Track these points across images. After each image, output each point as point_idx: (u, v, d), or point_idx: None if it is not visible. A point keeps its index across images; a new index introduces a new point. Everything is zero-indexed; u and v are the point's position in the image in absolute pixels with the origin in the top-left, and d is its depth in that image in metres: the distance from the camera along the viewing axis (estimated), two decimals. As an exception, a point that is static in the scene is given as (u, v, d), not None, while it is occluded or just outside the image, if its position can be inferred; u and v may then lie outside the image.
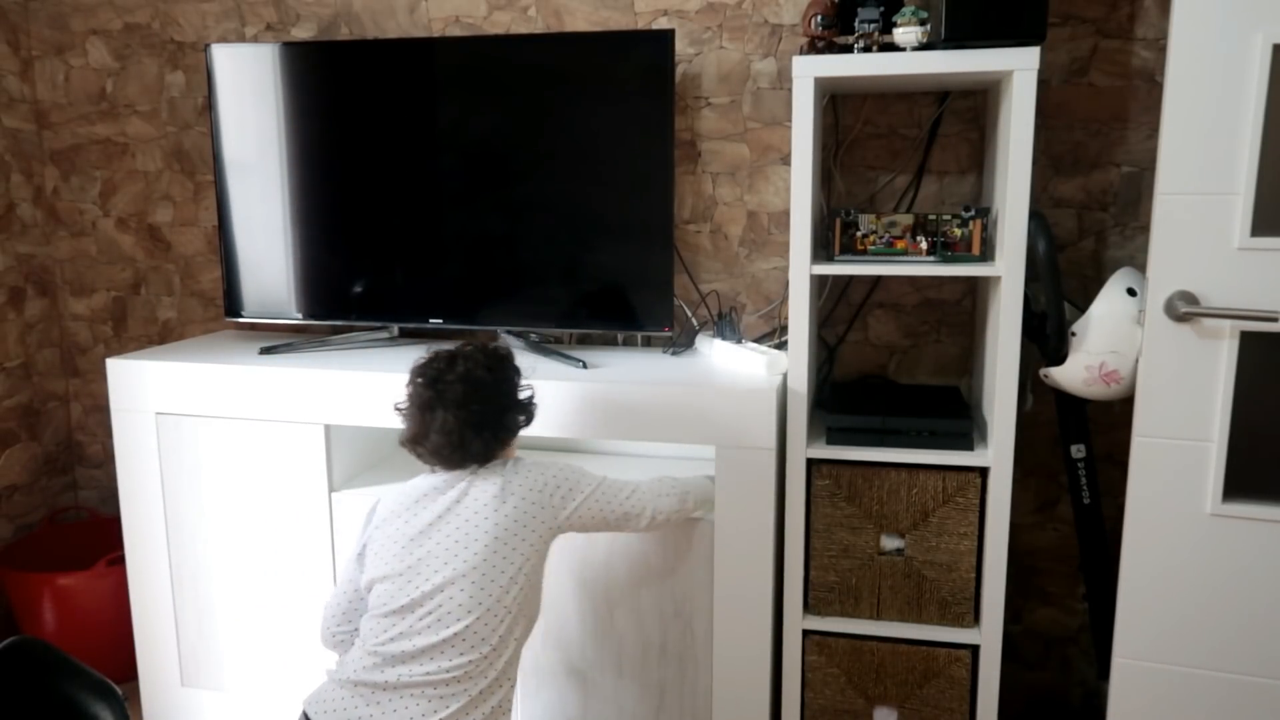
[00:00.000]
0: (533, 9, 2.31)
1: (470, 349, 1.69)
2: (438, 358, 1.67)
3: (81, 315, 2.76)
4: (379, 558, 1.62)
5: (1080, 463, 1.99)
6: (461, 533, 1.59)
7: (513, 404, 1.70)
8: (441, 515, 1.61)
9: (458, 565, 1.56)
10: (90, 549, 2.70)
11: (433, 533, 1.60)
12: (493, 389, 1.66)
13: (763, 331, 2.32)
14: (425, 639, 1.54)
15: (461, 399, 1.61)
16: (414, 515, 1.63)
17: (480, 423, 1.63)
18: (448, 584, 1.55)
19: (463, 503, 1.62)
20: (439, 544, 1.59)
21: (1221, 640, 1.75)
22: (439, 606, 1.55)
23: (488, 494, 1.62)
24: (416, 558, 1.58)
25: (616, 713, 2.04)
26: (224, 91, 2.29)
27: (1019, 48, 1.71)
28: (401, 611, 1.56)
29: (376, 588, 1.61)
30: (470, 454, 1.63)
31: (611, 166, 2.12)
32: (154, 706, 2.30)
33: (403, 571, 1.58)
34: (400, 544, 1.61)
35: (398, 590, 1.57)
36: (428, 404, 1.63)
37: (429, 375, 1.65)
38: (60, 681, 1.47)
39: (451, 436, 1.61)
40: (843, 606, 1.98)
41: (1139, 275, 1.86)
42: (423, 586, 1.56)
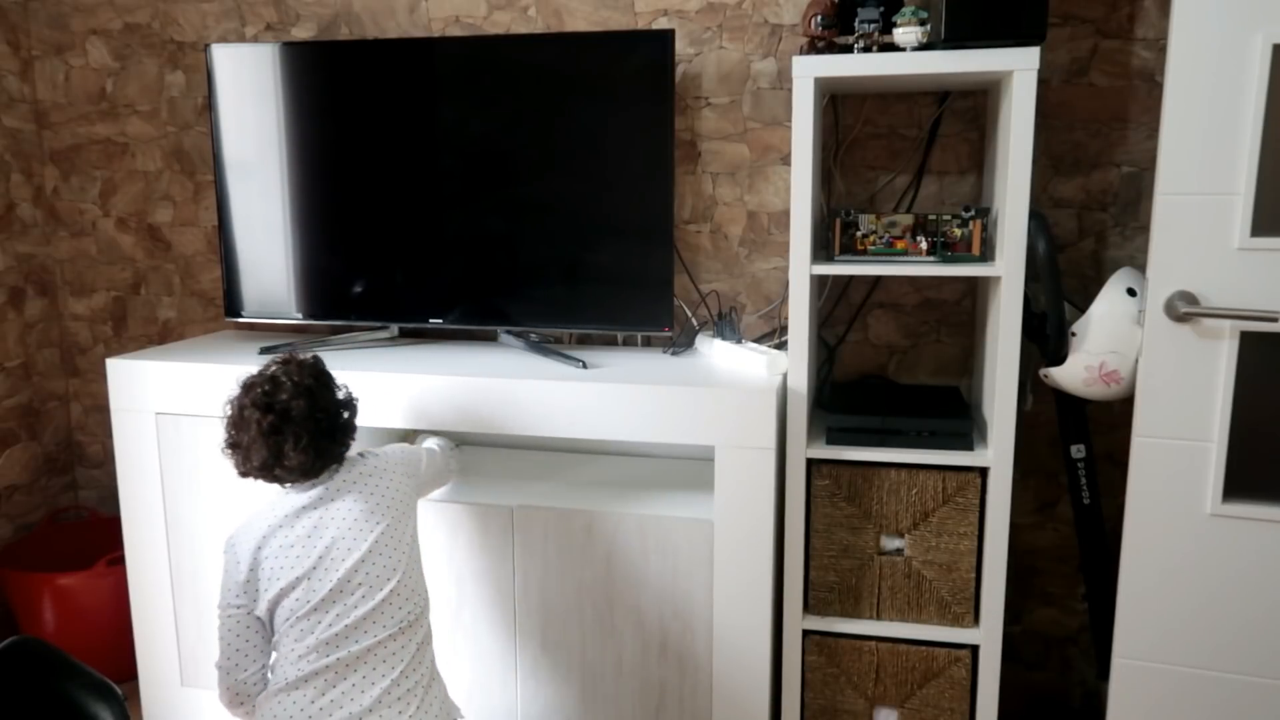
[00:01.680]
0: (533, 9, 2.31)
1: (279, 366, 1.69)
2: (257, 383, 1.66)
3: (81, 315, 2.75)
4: (276, 570, 1.61)
5: (1080, 463, 1.99)
6: (355, 513, 1.65)
7: (343, 404, 1.73)
8: (325, 509, 1.65)
9: (366, 541, 1.63)
10: (90, 549, 2.70)
11: (322, 527, 1.63)
12: (325, 395, 1.69)
13: (763, 331, 2.32)
14: (362, 610, 1.59)
15: (307, 412, 1.63)
16: (296, 520, 1.64)
17: (329, 430, 1.67)
18: (365, 558, 1.62)
19: (340, 492, 1.67)
20: (339, 529, 1.63)
21: (1221, 640, 1.75)
22: (366, 575, 1.61)
23: (357, 476, 1.69)
24: (323, 547, 1.61)
25: (616, 713, 2.04)
26: (224, 91, 2.29)
27: (1019, 48, 1.71)
28: (328, 599, 1.59)
29: (285, 601, 1.61)
30: (329, 460, 1.68)
31: (611, 166, 2.12)
32: (154, 706, 2.30)
33: (314, 566, 1.60)
34: (298, 548, 1.62)
35: (316, 584, 1.60)
36: (273, 428, 1.62)
37: (262, 402, 1.63)
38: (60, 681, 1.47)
39: (309, 452, 1.63)
40: (843, 606, 1.98)
41: (1139, 275, 1.86)
42: (339, 570, 1.60)
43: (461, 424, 2.00)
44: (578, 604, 2.02)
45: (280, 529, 1.64)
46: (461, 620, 2.08)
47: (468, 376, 1.99)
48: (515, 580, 2.04)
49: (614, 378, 1.97)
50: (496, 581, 2.04)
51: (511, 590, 2.04)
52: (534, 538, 2.01)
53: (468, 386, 1.99)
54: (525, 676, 2.07)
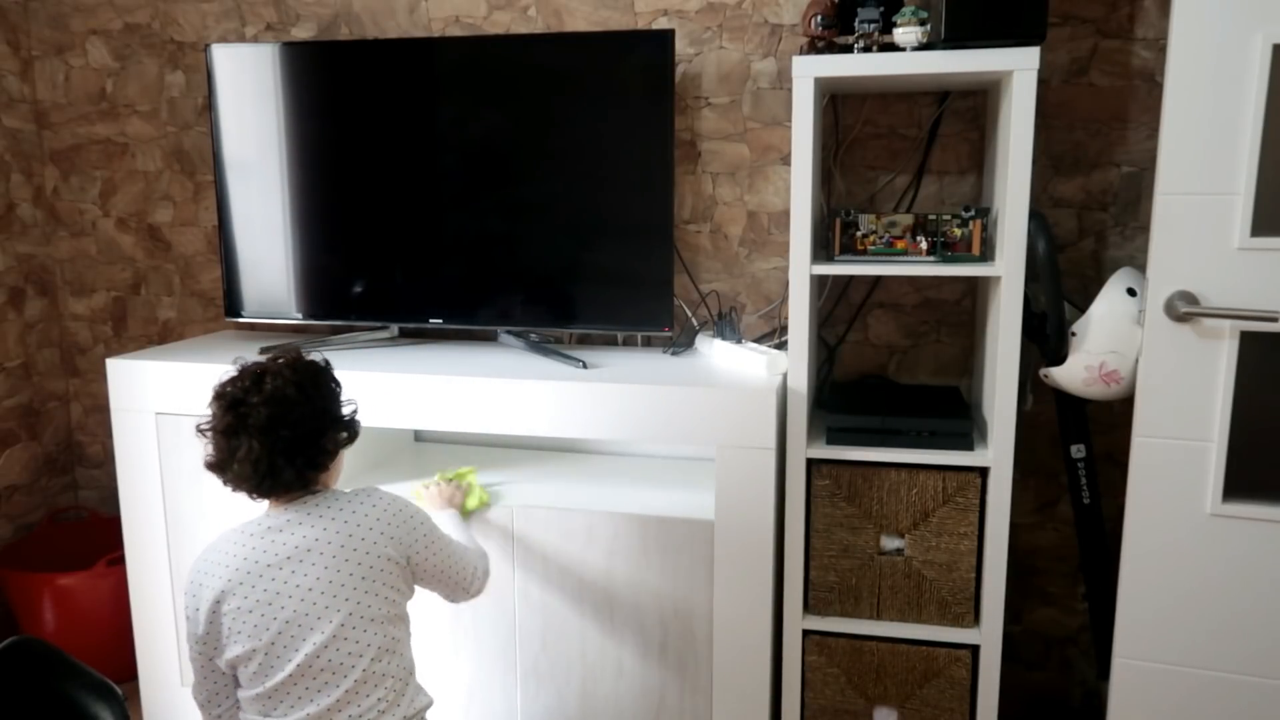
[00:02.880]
0: (533, 9, 2.31)
1: (280, 364, 1.49)
2: (243, 375, 1.48)
3: (81, 315, 2.75)
4: (234, 635, 1.44)
5: (1080, 463, 1.99)
6: (327, 578, 1.45)
7: (329, 423, 1.51)
8: (295, 568, 1.45)
9: (334, 615, 1.43)
10: (90, 549, 2.70)
11: (288, 593, 1.44)
12: (304, 409, 1.46)
13: (763, 331, 2.32)
14: (329, 695, 1.43)
15: (266, 424, 1.43)
16: (258, 580, 1.45)
17: (290, 449, 1.45)
18: (332, 638, 1.43)
19: (316, 547, 1.46)
20: (299, 604, 1.43)
21: (1221, 640, 1.75)
22: (329, 661, 1.43)
23: (334, 532, 1.47)
24: (284, 620, 1.43)
25: (616, 713, 2.04)
26: (224, 91, 2.29)
27: (1019, 48, 1.71)
28: (289, 682, 1.43)
29: (245, 667, 1.45)
30: (280, 482, 1.46)
31: (611, 166, 2.12)
32: (154, 706, 2.30)
33: (274, 640, 1.43)
34: (255, 614, 1.44)
35: (275, 661, 1.43)
36: (230, 429, 1.44)
37: (230, 397, 1.45)
38: (60, 681, 1.47)
39: (259, 465, 1.43)
40: (843, 606, 1.98)
41: (1139, 275, 1.86)
42: (304, 649, 1.43)
43: (462, 424, 2.00)
44: (578, 604, 2.02)
45: (240, 587, 1.44)
46: (461, 620, 2.08)
47: (468, 376, 1.99)
48: (515, 580, 2.04)
49: (614, 378, 1.97)
50: (496, 581, 2.04)
51: (511, 590, 2.04)
52: (534, 538, 2.01)
53: (468, 386, 1.99)
54: (525, 676, 2.07)
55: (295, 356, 1.53)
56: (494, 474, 2.22)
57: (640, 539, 1.96)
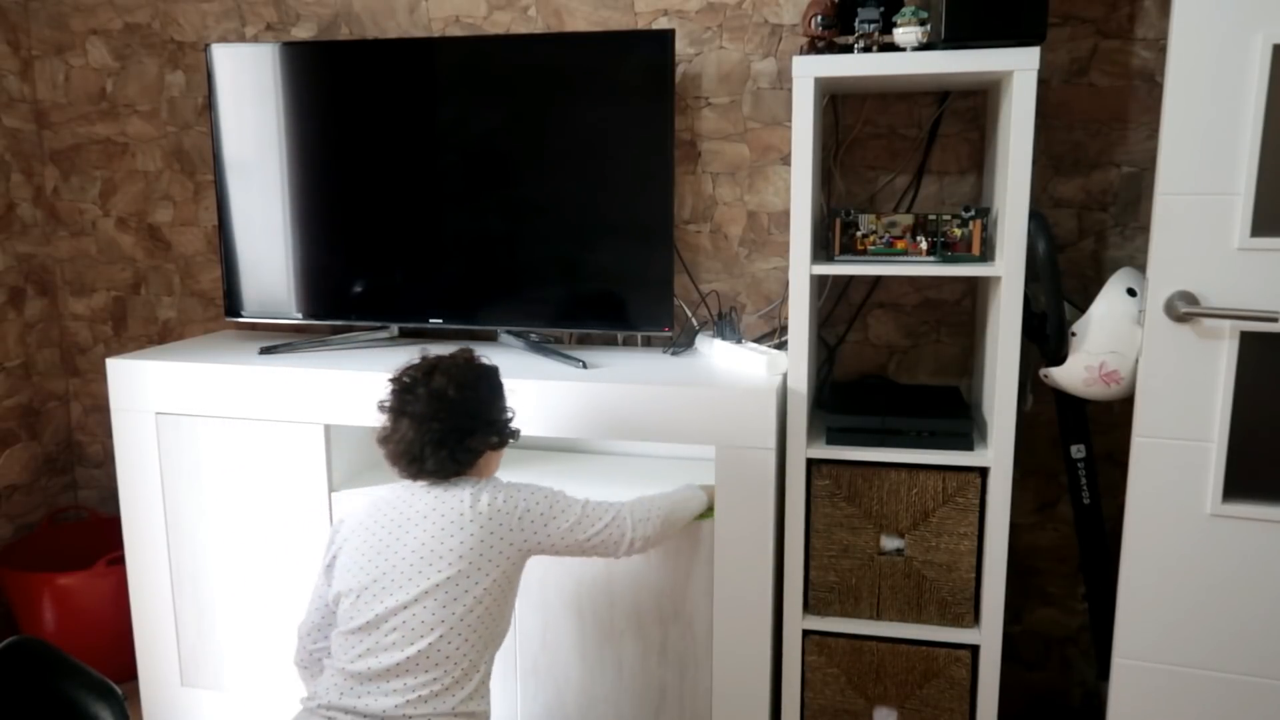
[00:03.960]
0: (533, 9, 2.31)
1: (452, 362, 1.66)
2: (419, 366, 1.66)
3: (81, 315, 2.76)
4: (346, 571, 1.59)
5: (1080, 463, 1.99)
6: (427, 549, 1.56)
7: (480, 425, 1.64)
8: (407, 529, 1.58)
9: (421, 583, 1.53)
10: (90, 549, 2.70)
11: (398, 546, 1.57)
12: (458, 408, 1.61)
13: (763, 331, 2.32)
14: (390, 656, 1.51)
15: (423, 415, 1.60)
16: (380, 528, 1.60)
17: (440, 440, 1.60)
18: (411, 601, 1.53)
19: (430, 518, 1.58)
20: (404, 559, 1.55)
21: (1221, 640, 1.75)
22: (403, 623, 1.52)
23: (456, 511, 1.58)
24: (381, 571, 1.56)
25: (616, 713, 2.04)
26: (224, 91, 2.29)
27: (1019, 48, 1.71)
28: (366, 628, 1.54)
29: (342, 602, 1.58)
30: (425, 469, 1.61)
31: (611, 166, 2.12)
32: (154, 706, 2.30)
33: (367, 585, 1.56)
34: (366, 556, 1.58)
35: (363, 605, 1.55)
36: (395, 410, 1.63)
37: (402, 383, 1.64)
38: (60, 681, 1.47)
39: (412, 448, 1.60)
40: (843, 606, 1.98)
41: (1139, 275, 1.86)
42: (386, 602, 1.53)
43: (461, 424, 2.00)
44: (578, 604, 2.02)
45: (365, 530, 1.61)
46: (461, 620, 2.08)
47: (468, 376, 1.99)
48: (515, 580, 2.04)
49: (614, 378, 1.97)
50: (496, 581, 2.04)
51: (511, 590, 2.04)
52: (534, 538, 2.01)
53: (468, 386, 1.99)
54: (525, 676, 2.07)
55: (470, 356, 1.70)
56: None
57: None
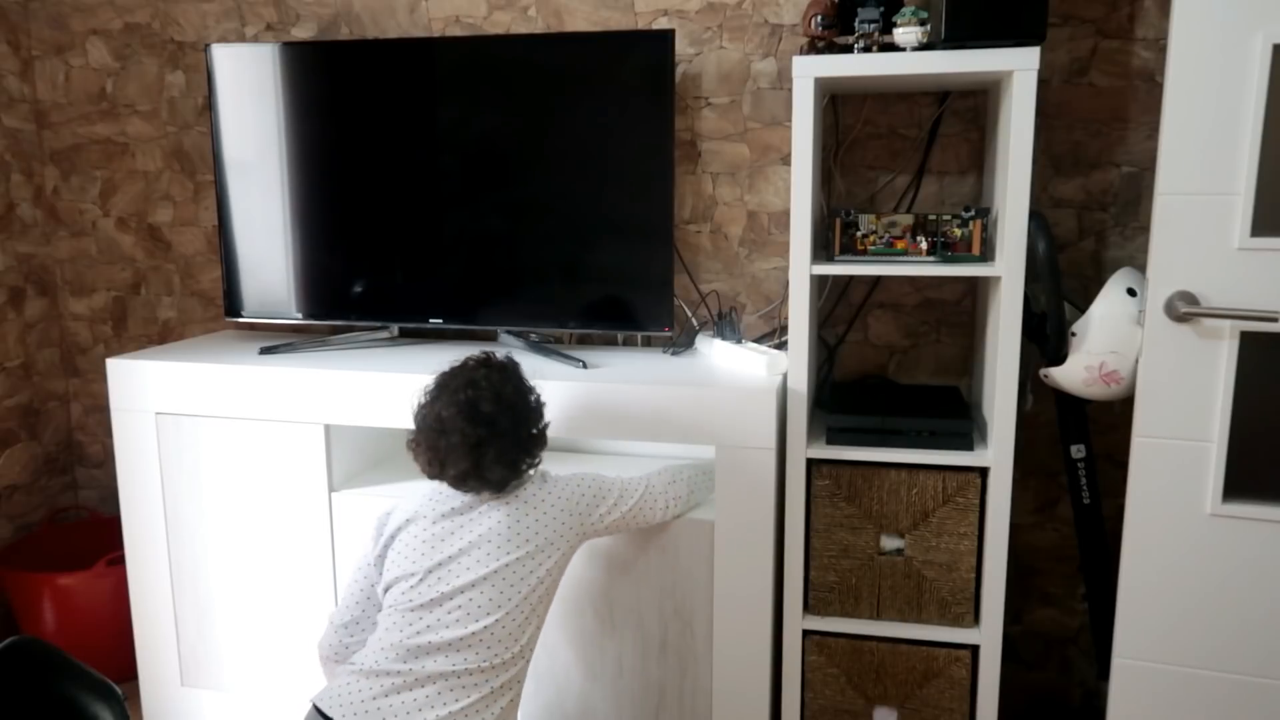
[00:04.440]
0: (533, 9, 2.31)
1: (480, 370, 1.67)
2: (458, 387, 1.64)
3: (81, 315, 2.76)
4: (402, 557, 1.65)
5: (1080, 463, 1.99)
6: (492, 533, 1.62)
7: (539, 413, 1.72)
8: (469, 518, 1.65)
9: (485, 567, 1.60)
10: (90, 549, 2.70)
11: (461, 533, 1.64)
12: (526, 406, 1.68)
13: (763, 331, 2.32)
14: (453, 632, 1.57)
15: (511, 427, 1.63)
16: (440, 517, 1.66)
17: (530, 444, 1.68)
18: (476, 582, 1.59)
19: (491, 506, 1.66)
20: (469, 543, 1.62)
21: (1221, 640, 1.75)
22: (469, 601, 1.58)
23: (520, 500, 1.67)
24: (445, 554, 1.62)
25: (616, 713, 2.04)
26: (224, 91, 2.29)
27: (1019, 48, 1.71)
28: (429, 605, 1.59)
29: (397, 586, 1.63)
30: (522, 474, 1.68)
31: (612, 166, 2.12)
32: (154, 706, 2.30)
33: (431, 569, 1.61)
34: (427, 543, 1.64)
35: (425, 586, 1.60)
36: (480, 441, 1.61)
37: (468, 411, 1.62)
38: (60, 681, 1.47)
39: (511, 466, 1.64)
40: (843, 606, 1.98)
41: (1139, 275, 1.86)
42: (452, 582, 1.59)
43: (461, 424, 2.00)
44: (577, 604, 2.02)
45: (423, 519, 1.66)
46: (461, 620, 2.08)
47: (468, 376, 1.99)
48: (515, 580, 2.04)
49: (614, 378, 1.97)
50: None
51: (511, 590, 2.04)
52: (534, 538, 2.01)
53: (468, 386, 1.99)
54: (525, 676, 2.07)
55: (487, 358, 1.71)
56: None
57: (640, 539, 1.96)
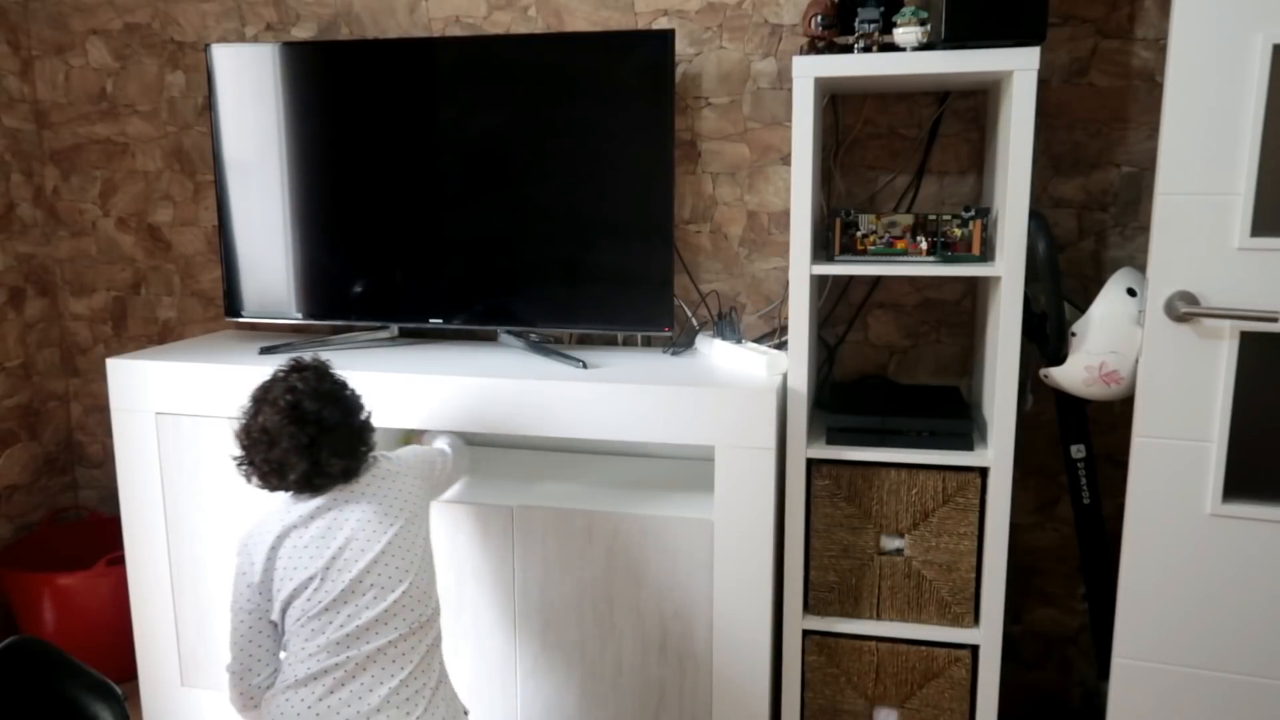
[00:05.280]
0: (533, 9, 2.31)
1: (294, 375, 1.66)
2: (277, 394, 1.63)
3: (81, 315, 2.76)
4: (293, 568, 1.60)
5: (1080, 463, 1.99)
6: (366, 517, 1.64)
7: (362, 403, 1.74)
8: (339, 511, 1.64)
9: (377, 545, 1.62)
10: (90, 549, 2.70)
11: (337, 526, 1.62)
12: (348, 397, 1.69)
13: (763, 331, 2.32)
14: (374, 610, 1.58)
15: (340, 419, 1.64)
16: (311, 521, 1.63)
17: (361, 432, 1.69)
18: (376, 559, 1.61)
19: (351, 495, 1.66)
20: (351, 531, 1.62)
21: (1221, 640, 1.75)
22: (378, 576, 1.60)
23: (380, 477, 1.70)
24: (335, 547, 1.60)
25: (616, 712, 2.04)
26: (224, 91, 2.29)
27: (1019, 48, 1.71)
28: (342, 596, 1.58)
29: (299, 598, 1.59)
30: (362, 462, 1.70)
31: (611, 166, 2.12)
32: (154, 706, 2.30)
33: (327, 565, 1.59)
34: (311, 546, 1.61)
35: (330, 583, 1.59)
36: (312, 440, 1.61)
37: (293, 415, 1.61)
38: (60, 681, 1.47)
39: (349, 456, 1.65)
40: (843, 606, 1.98)
41: (1139, 275, 1.86)
42: (354, 568, 1.60)
43: (462, 424, 2.00)
44: (578, 604, 2.02)
45: (295, 529, 1.62)
46: (462, 620, 2.08)
47: (468, 376, 1.99)
48: (515, 580, 2.04)
49: (614, 378, 1.97)
50: (497, 581, 2.04)
51: (511, 590, 2.04)
52: (534, 538, 2.01)
53: (468, 386, 1.99)
54: (525, 676, 2.07)
55: (297, 363, 1.70)
56: (494, 474, 2.22)
57: (640, 539, 1.96)
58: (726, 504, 1.90)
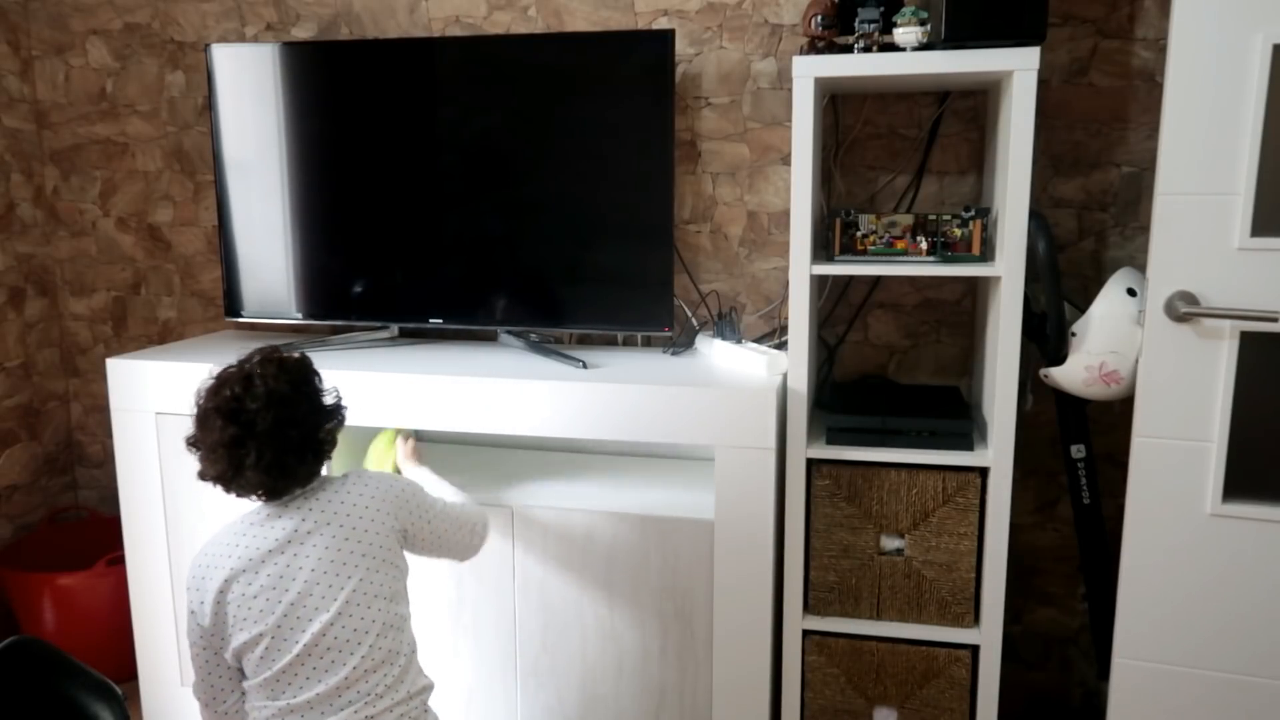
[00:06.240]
0: (533, 9, 2.31)
1: (260, 362, 1.50)
2: (229, 381, 1.47)
3: (81, 315, 2.76)
4: (241, 619, 1.46)
5: (1080, 463, 1.99)
6: (325, 562, 1.47)
7: (325, 416, 1.54)
8: (293, 553, 1.48)
9: (338, 595, 1.46)
10: (90, 549, 2.70)
11: (294, 573, 1.47)
12: (303, 405, 1.50)
13: (763, 331, 2.32)
14: (334, 675, 1.45)
15: (273, 427, 1.45)
16: (261, 565, 1.47)
17: (301, 445, 1.48)
18: (335, 618, 1.45)
19: (319, 531, 1.49)
20: (306, 582, 1.46)
21: (1221, 640, 1.75)
22: (335, 640, 1.45)
23: (342, 514, 1.51)
24: (288, 603, 1.45)
25: (616, 713, 2.04)
26: (224, 91, 2.29)
27: (1019, 48, 1.71)
28: (293, 665, 1.45)
29: (248, 656, 1.47)
30: (296, 480, 1.50)
31: (611, 166, 2.12)
32: (154, 706, 2.30)
33: (277, 625, 1.45)
34: (261, 599, 1.46)
35: (281, 643, 1.45)
36: (235, 440, 1.44)
37: (227, 408, 1.45)
38: (60, 681, 1.47)
39: (272, 470, 1.45)
40: (843, 606, 1.98)
41: (1139, 275, 1.86)
42: (306, 632, 1.45)
43: (462, 424, 2.00)
44: (578, 604, 2.02)
45: (244, 574, 1.47)
46: (461, 620, 2.08)
47: (468, 376, 1.99)
48: (515, 580, 2.04)
49: (614, 378, 1.97)
50: (496, 581, 2.04)
51: (511, 590, 2.04)
52: (534, 538, 2.01)
53: (468, 386, 1.99)
54: (525, 676, 2.07)
55: (269, 354, 1.53)
56: (494, 474, 2.22)
57: (640, 539, 1.96)
58: (726, 504, 1.90)
